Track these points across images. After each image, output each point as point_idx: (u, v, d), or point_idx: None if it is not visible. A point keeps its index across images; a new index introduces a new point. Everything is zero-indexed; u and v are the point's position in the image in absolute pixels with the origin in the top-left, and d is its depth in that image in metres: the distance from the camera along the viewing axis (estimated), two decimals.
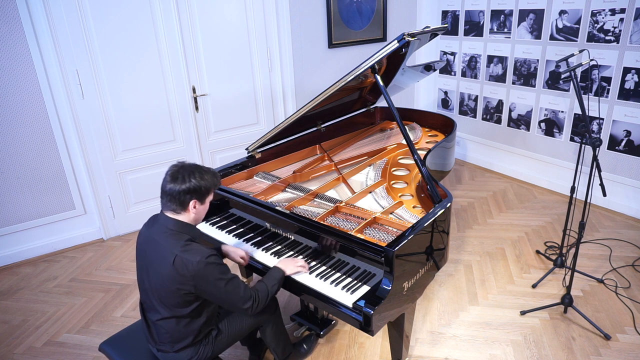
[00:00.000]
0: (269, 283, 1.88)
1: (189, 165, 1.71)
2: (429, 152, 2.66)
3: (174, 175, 1.68)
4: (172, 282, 1.65)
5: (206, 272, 1.64)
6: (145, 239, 1.77)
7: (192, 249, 1.66)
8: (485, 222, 3.70)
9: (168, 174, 1.70)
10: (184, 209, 1.71)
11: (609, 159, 3.72)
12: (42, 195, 3.42)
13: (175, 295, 1.68)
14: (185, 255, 1.64)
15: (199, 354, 1.83)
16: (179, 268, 1.63)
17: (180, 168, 1.70)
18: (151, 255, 1.72)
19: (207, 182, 1.71)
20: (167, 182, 1.68)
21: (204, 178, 1.70)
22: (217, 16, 3.68)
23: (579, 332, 2.51)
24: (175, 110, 3.71)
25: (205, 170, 1.74)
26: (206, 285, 1.66)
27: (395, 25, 4.74)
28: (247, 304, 1.75)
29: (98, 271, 3.29)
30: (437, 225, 2.03)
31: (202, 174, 1.71)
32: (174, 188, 1.67)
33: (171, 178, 1.68)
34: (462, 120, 4.89)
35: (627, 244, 3.30)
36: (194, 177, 1.68)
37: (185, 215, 1.73)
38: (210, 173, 1.75)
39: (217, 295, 1.70)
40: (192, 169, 1.70)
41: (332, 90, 2.34)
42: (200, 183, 1.68)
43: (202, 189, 1.70)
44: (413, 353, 2.42)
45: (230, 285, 1.70)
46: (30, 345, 2.60)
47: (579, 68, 2.95)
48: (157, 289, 1.71)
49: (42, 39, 3.11)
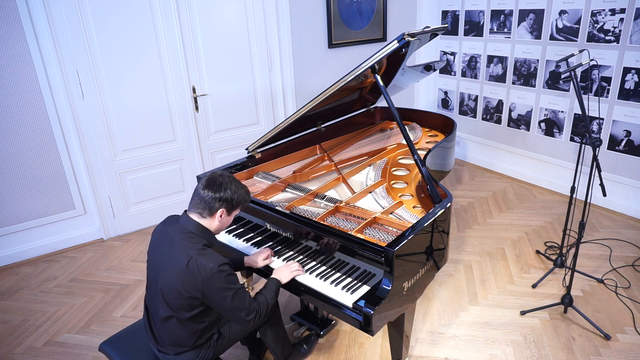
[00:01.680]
0: (268, 295, 1.90)
1: (228, 177, 1.78)
2: (429, 152, 2.66)
3: (211, 181, 1.74)
4: (181, 283, 1.66)
5: (217, 280, 1.65)
6: (162, 236, 1.79)
7: (208, 254, 1.68)
8: (485, 222, 3.71)
9: (205, 178, 1.76)
10: (211, 215, 1.75)
11: (609, 159, 3.72)
12: (42, 195, 3.42)
13: (181, 297, 1.68)
14: (200, 259, 1.65)
15: (200, 356, 1.83)
16: (192, 270, 1.64)
17: (219, 176, 1.76)
18: (165, 252, 1.73)
19: (240, 196, 1.77)
20: (203, 187, 1.73)
21: (238, 192, 1.76)
22: (217, 16, 3.68)
23: (579, 332, 2.51)
24: (175, 110, 3.71)
25: (241, 186, 1.80)
26: (214, 293, 1.66)
27: (395, 25, 4.74)
28: (250, 316, 1.76)
29: (98, 271, 3.30)
30: (437, 225, 2.03)
31: (238, 187, 1.77)
32: (208, 193, 1.71)
33: (207, 183, 1.74)
34: (462, 120, 4.89)
35: (627, 244, 3.30)
36: (230, 188, 1.74)
37: (210, 221, 1.77)
38: (245, 189, 1.81)
39: (222, 305, 1.70)
40: (229, 180, 1.76)
41: (332, 90, 2.34)
42: (233, 195, 1.74)
43: (233, 201, 1.75)
44: (413, 353, 2.42)
45: (237, 296, 1.71)
46: (30, 345, 2.60)
47: (579, 68, 2.95)
48: (164, 288, 1.71)
49: (42, 39, 3.11)
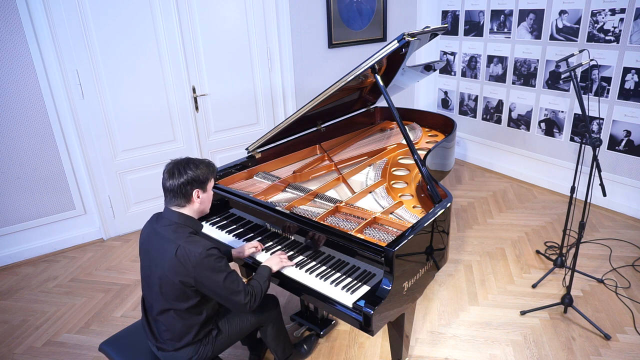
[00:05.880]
0: (261, 280, 1.91)
1: (182, 160, 1.79)
2: (429, 152, 2.66)
3: (170, 171, 1.75)
4: (174, 273, 1.68)
5: (207, 264, 1.67)
6: (149, 233, 1.81)
7: (195, 240, 1.71)
8: (485, 222, 3.71)
9: (164, 172, 1.77)
10: (188, 200, 1.76)
11: (609, 159, 3.72)
12: (42, 195, 3.42)
13: (176, 288, 1.70)
14: (188, 245, 1.68)
15: (199, 353, 1.83)
16: (182, 258, 1.67)
17: (174, 164, 1.77)
18: (155, 247, 1.75)
19: (203, 172, 1.78)
20: (166, 180, 1.75)
21: (199, 168, 1.77)
22: (217, 16, 3.68)
23: (579, 332, 2.51)
24: (175, 110, 3.71)
25: (199, 161, 1.81)
26: (206, 277, 1.68)
27: (395, 25, 4.74)
28: (246, 299, 1.77)
29: (98, 271, 3.30)
30: (437, 225, 2.03)
31: (197, 164, 1.78)
32: (174, 183, 1.73)
33: (168, 175, 1.75)
34: (462, 120, 4.89)
35: (627, 244, 3.30)
36: (190, 169, 1.75)
37: (190, 207, 1.78)
38: (204, 163, 1.82)
39: (216, 289, 1.71)
40: (185, 162, 1.77)
41: (332, 90, 2.34)
42: (196, 172, 1.75)
43: (200, 178, 1.76)
44: (413, 353, 2.42)
45: (229, 279, 1.73)
46: (30, 345, 2.60)
47: (579, 68, 2.95)
48: (158, 282, 1.73)
49: (42, 39, 3.11)
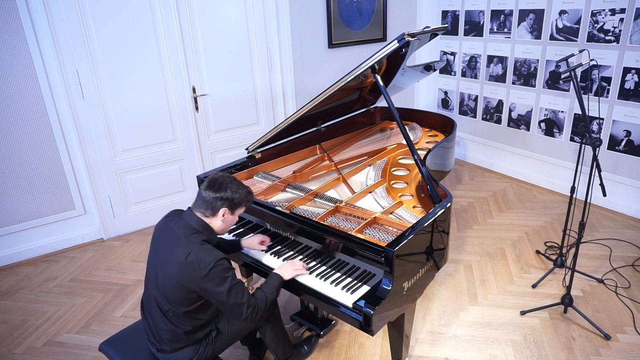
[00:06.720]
0: (268, 291, 1.90)
1: (228, 177, 1.83)
2: (429, 152, 2.66)
3: (213, 181, 1.79)
4: (180, 277, 1.68)
5: (215, 273, 1.67)
6: (164, 229, 1.82)
7: (207, 249, 1.72)
8: (485, 222, 3.70)
9: (207, 179, 1.82)
10: (213, 214, 1.80)
11: (609, 159, 3.72)
12: (42, 195, 3.42)
13: (180, 291, 1.70)
14: (200, 253, 1.68)
15: (199, 354, 1.84)
16: (191, 264, 1.67)
17: (220, 177, 1.81)
18: (166, 246, 1.76)
19: (241, 196, 1.82)
20: (205, 187, 1.79)
21: (238, 191, 1.81)
22: (217, 16, 3.68)
23: (579, 332, 2.51)
24: (175, 110, 3.71)
25: (242, 186, 1.85)
26: (212, 286, 1.68)
27: (395, 25, 4.74)
28: (248, 311, 1.77)
29: (98, 271, 3.30)
30: (437, 225, 2.03)
31: (239, 187, 1.82)
32: (209, 193, 1.77)
33: (209, 184, 1.79)
34: (462, 120, 4.89)
35: (627, 244, 3.30)
36: (230, 188, 1.79)
37: (213, 220, 1.81)
38: (246, 189, 1.86)
39: (219, 299, 1.71)
40: (230, 180, 1.82)
41: (332, 90, 2.34)
42: (234, 195, 1.79)
43: (234, 200, 1.80)
44: (413, 353, 2.42)
45: (234, 290, 1.72)
46: (30, 345, 2.60)
47: (579, 68, 2.95)
48: (163, 282, 1.73)
49: (42, 39, 3.11)
